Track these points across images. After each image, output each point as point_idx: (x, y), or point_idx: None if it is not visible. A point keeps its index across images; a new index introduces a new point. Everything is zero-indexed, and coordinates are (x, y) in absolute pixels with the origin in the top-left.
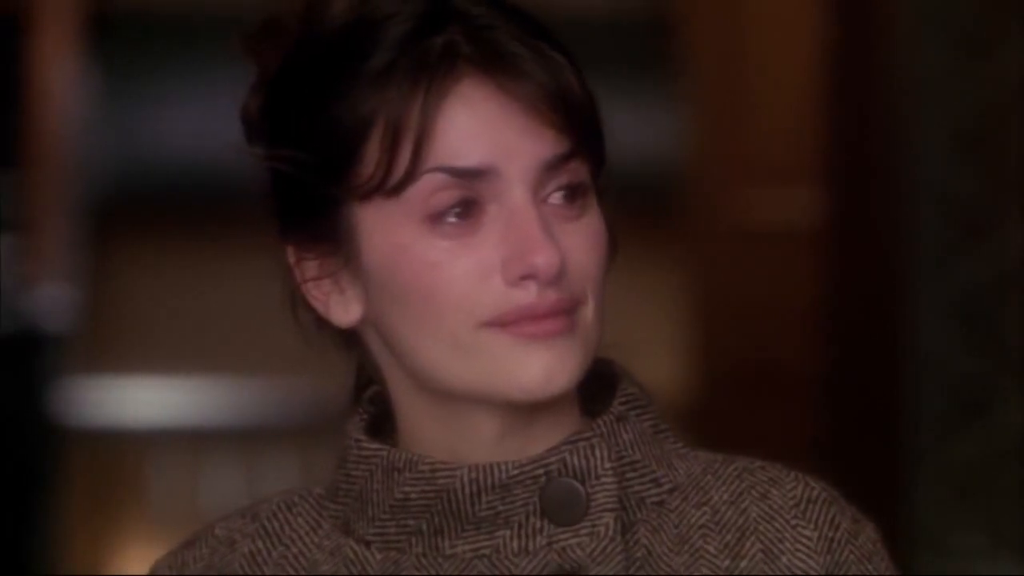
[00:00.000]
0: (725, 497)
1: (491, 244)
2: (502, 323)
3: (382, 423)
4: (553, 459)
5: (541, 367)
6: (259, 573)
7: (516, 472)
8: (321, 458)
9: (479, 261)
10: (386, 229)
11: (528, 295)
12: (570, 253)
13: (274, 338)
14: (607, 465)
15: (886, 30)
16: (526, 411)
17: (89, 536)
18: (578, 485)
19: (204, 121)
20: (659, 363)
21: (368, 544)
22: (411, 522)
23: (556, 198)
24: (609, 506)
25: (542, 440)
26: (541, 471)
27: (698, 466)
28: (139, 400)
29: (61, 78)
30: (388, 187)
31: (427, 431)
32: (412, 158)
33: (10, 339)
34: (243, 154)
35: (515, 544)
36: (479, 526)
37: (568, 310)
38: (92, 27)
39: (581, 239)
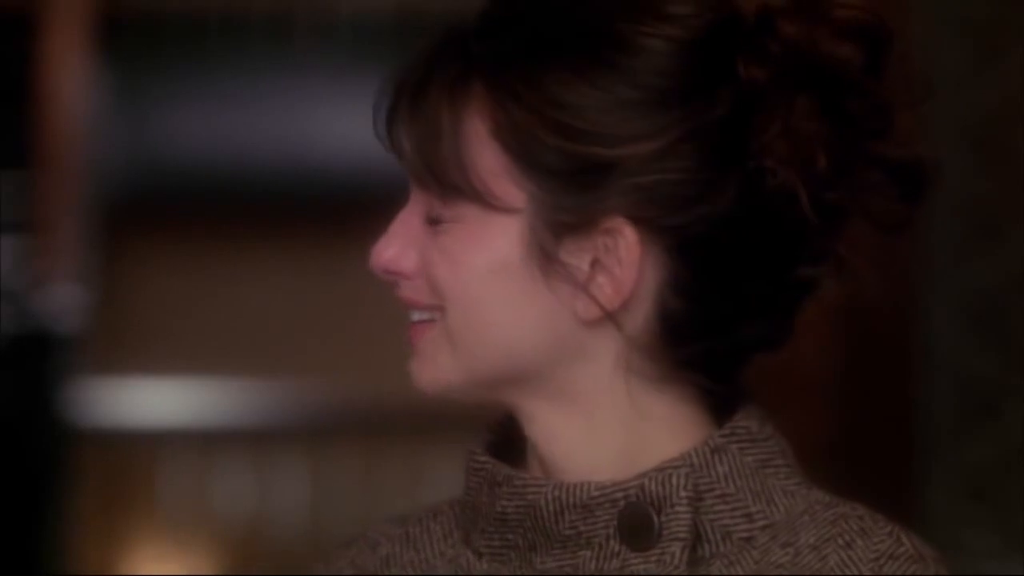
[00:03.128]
0: (812, 540)
1: None
2: None
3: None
4: (633, 484)
5: (413, 370)
6: (387, 574)
7: (597, 494)
8: (332, 460)
9: None
10: None
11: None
12: (426, 266)
13: (286, 340)
14: (683, 495)
15: (903, 30)
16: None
17: (99, 536)
18: (652, 512)
19: (216, 122)
20: None
21: (480, 556)
22: (511, 536)
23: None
24: (680, 536)
25: (628, 463)
26: (620, 495)
27: (801, 505)
28: (150, 401)
29: (71, 78)
30: None
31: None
32: None
33: (20, 340)
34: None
35: (593, 565)
36: (564, 544)
37: (425, 312)
38: (103, 27)
39: (434, 254)
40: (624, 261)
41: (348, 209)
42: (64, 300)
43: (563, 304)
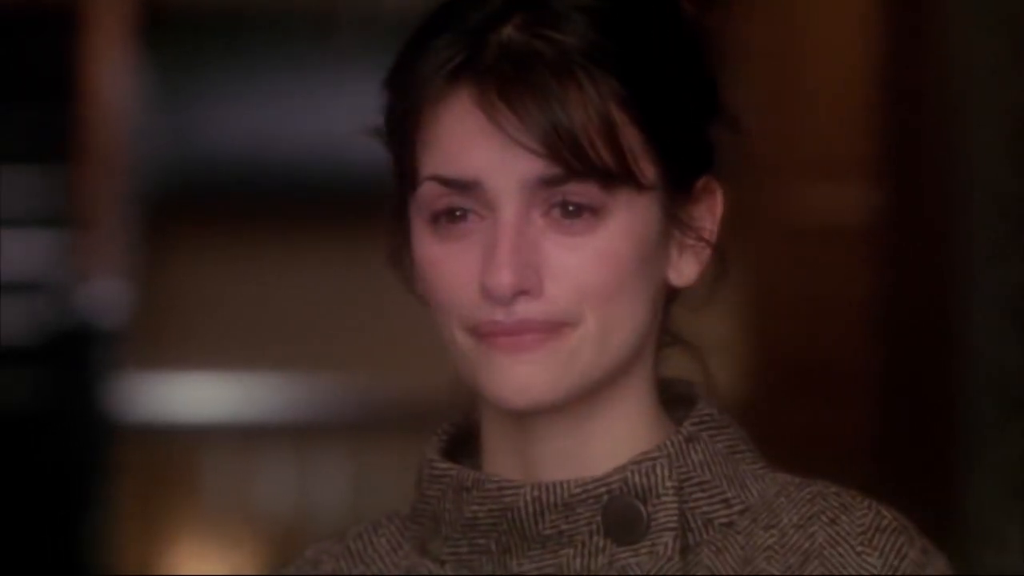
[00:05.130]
0: (794, 520)
1: (475, 254)
2: (479, 333)
3: (468, 442)
4: (615, 478)
5: (513, 379)
6: None
7: (579, 491)
8: (374, 454)
9: (463, 268)
10: (414, 224)
11: (493, 311)
12: (564, 271)
13: (328, 334)
14: (668, 484)
15: (940, 26)
16: (572, 425)
17: (141, 532)
18: (639, 504)
19: (258, 116)
20: (710, 362)
21: (443, 563)
22: (481, 541)
23: (556, 214)
24: (669, 526)
25: (610, 457)
26: (603, 490)
27: (773, 488)
28: (192, 396)
29: (114, 73)
30: (405, 185)
31: (500, 446)
32: (413, 163)
33: (64, 335)
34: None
35: (578, 563)
36: (544, 544)
37: (545, 330)
38: (144, 24)
39: (580, 257)
40: (716, 218)
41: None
42: (106, 295)
43: (661, 280)
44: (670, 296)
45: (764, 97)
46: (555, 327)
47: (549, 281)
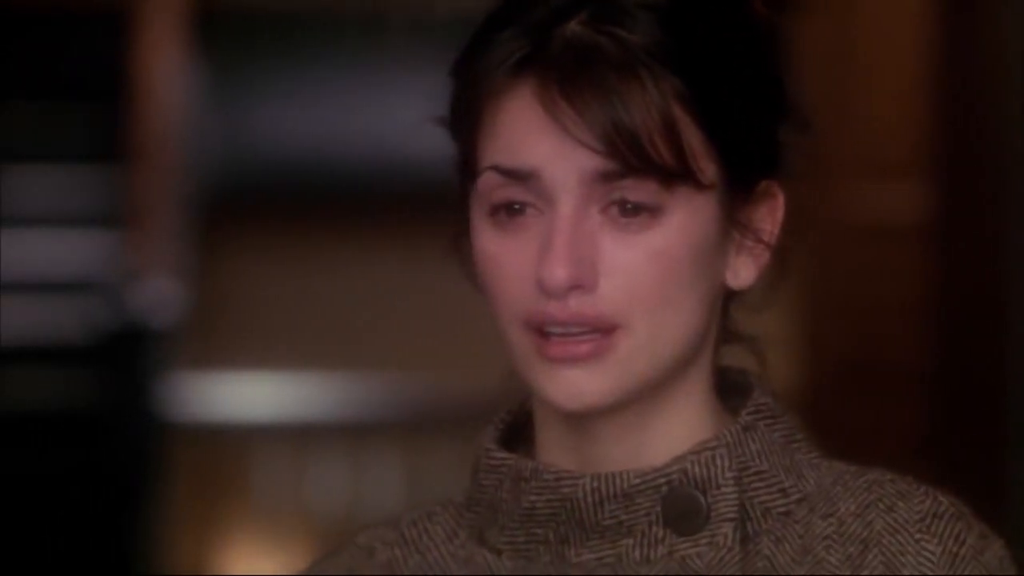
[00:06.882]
0: (852, 508)
1: (532, 248)
2: (534, 326)
3: (523, 430)
4: (675, 468)
5: (565, 385)
6: None
7: (638, 481)
8: (426, 453)
9: (519, 262)
10: (473, 215)
11: (546, 304)
12: (618, 268)
13: (379, 333)
14: (728, 475)
15: (992, 23)
16: (629, 425)
17: (194, 532)
18: (699, 495)
19: (310, 116)
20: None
21: (499, 553)
22: (539, 531)
23: (613, 211)
24: (729, 516)
25: (668, 450)
26: (663, 480)
27: (829, 476)
28: (244, 395)
29: (167, 73)
30: (467, 176)
31: (555, 439)
32: (474, 153)
33: (117, 335)
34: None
35: (637, 553)
36: (603, 534)
37: (598, 329)
38: (198, 22)
39: (635, 255)
40: (777, 221)
41: (443, 202)
42: (159, 295)
43: (718, 281)
44: (729, 297)
45: (819, 97)
46: (607, 329)
47: (604, 277)
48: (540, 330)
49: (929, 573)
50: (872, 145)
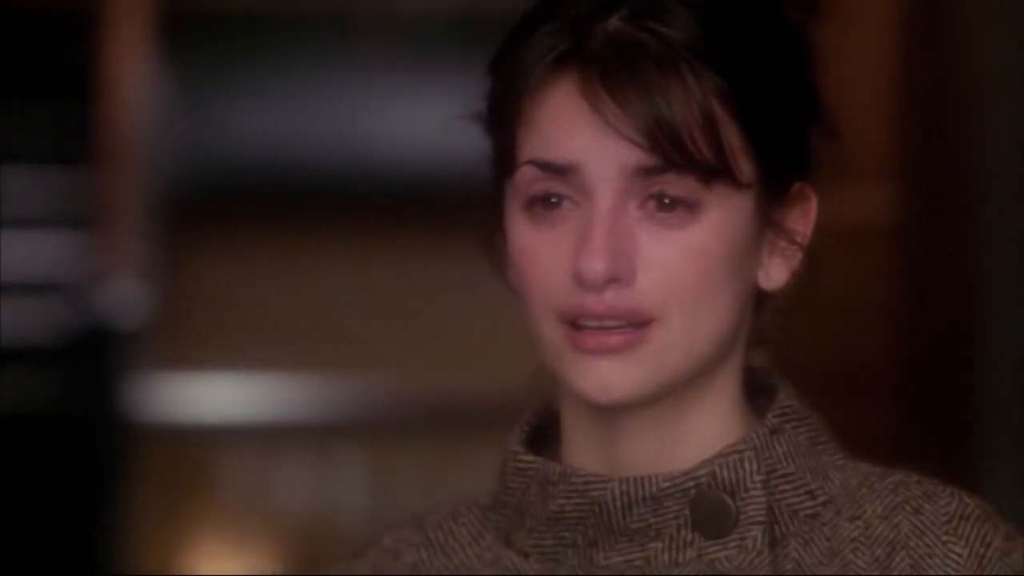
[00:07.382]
0: (878, 511)
1: (569, 242)
2: (568, 319)
3: (548, 432)
4: (703, 472)
5: (597, 376)
6: None
7: (667, 485)
8: (393, 455)
9: (555, 255)
10: (509, 210)
11: (583, 297)
12: (655, 263)
13: (347, 334)
14: (757, 478)
15: (962, 25)
16: (659, 422)
17: (161, 533)
18: (727, 498)
19: (277, 118)
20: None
21: (527, 555)
22: (567, 534)
23: (651, 206)
24: (758, 519)
25: (697, 452)
26: (691, 484)
27: (855, 478)
28: (211, 396)
29: (134, 74)
30: (503, 171)
31: (583, 439)
32: (512, 147)
33: (83, 335)
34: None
35: (666, 556)
36: (631, 538)
37: (632, 323)
38: (165, 23)
39: (672, 251)
40: (810, 224)
41: (410, 204)
42: (126, 296)
43: (751, 281)
44: (760, 298)
45: None
46: (642, 322)
47: (641, 272)
48: (574, 323)
49: (956, 575)
50: (840, 147)
